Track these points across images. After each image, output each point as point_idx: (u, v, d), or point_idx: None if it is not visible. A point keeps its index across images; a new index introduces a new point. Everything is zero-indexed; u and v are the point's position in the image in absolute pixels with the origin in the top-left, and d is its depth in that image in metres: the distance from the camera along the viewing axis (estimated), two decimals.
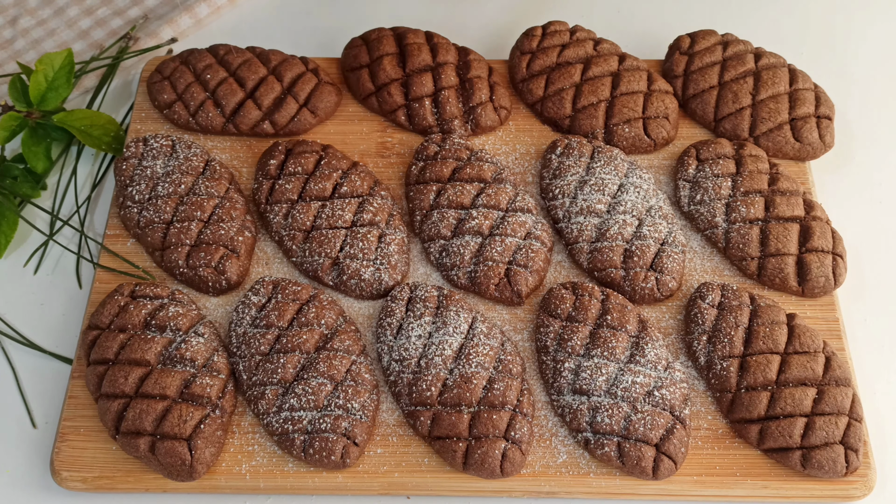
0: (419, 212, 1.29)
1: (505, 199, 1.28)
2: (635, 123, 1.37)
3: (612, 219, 1.26)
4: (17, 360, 1.26)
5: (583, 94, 1.39)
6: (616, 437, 1.10)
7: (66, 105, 1.48)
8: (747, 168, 1.31)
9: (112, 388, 1.13)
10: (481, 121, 1.39)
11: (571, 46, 1.43)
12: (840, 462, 1.10)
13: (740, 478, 1.12)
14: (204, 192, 1.29)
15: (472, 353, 1.15)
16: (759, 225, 1.27)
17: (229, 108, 1.38)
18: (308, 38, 1.60)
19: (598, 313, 1.19)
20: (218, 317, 1.25)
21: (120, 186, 1.32)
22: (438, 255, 1.27)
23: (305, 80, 1.41)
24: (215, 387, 1.13)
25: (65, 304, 1.30)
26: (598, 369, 1.13)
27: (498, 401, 1.12)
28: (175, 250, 1.25)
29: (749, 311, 1.19)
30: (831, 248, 1.25)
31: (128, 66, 1.55)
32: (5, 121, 1.35)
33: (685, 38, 1.47)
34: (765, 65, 1.42)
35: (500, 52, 1.55)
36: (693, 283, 1.27)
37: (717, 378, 1.16)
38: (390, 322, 1.19)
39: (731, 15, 1.63)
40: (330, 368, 1.14)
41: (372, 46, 1.44)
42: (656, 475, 1.10)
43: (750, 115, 1.38)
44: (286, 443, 1.11)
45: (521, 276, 1.23)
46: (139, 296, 1.21)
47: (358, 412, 1.12)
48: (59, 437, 1.15)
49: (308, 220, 1.27)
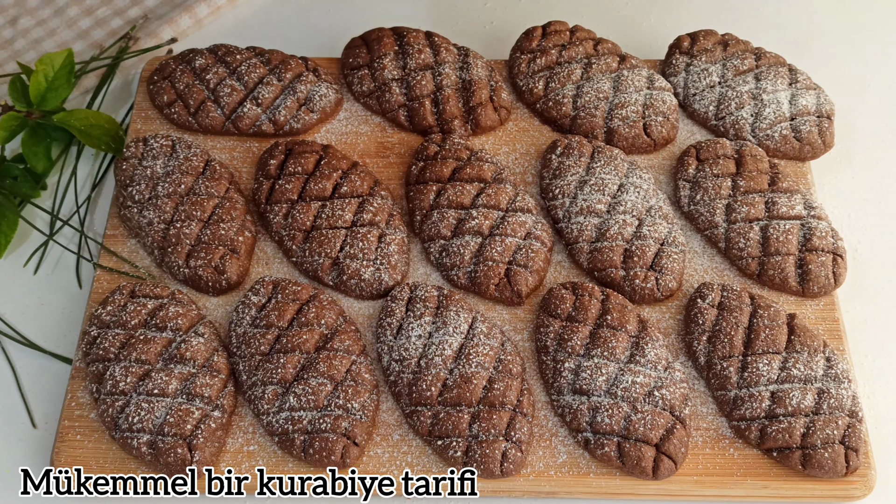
0: (419, 212, 1.29)
1: (505, 199, 1.28)
2: (635, 123, 1.37)
3: (612, 219, 1.26)
4: (17, 360, 1.26)
5: (583, 94, 1.39)
6: (616, 437, 1.10)
7: (66, 105, 1.48)
8: (747, 168, 1.31)
9: (112, 387, 1.13)
10: (481, 121, 1.39)
11: (571, 46, 1.43)
12: (840, 462, 1.10)
13: (740, 478, 1.12)
14: (204, 192, 1.29)
15: (472, 353, 1.15)
16: (759, 225, 1.27)
17: (229, 108, 1.38)
18: (308, 38, 1.60)
19: (598, 313, 1.19)
20: (218, 317, 1.25)
21: (120, 186, 1.32)
22: (438, 255, 1.27)
23: (305, 80, 1.41)
24: (215, 387, 1.13)
25: (65, 304, 1.30)
26: (598, 369, 1.13)
27: (498, 401, 1.12)
28: (175, 250, 1.25)
29: (749, 311, 1.19)
30: (831, 248, 1.25)
31: (128, 66, 1.55)
32: (5, 121, 1.35)
33: (685, 38, 1.47)
34: (765, 65, 1.42)
35: (500, 52, 1.55)
36: (693, 283, 1.27)
37: (717, 378, 1.16)
38: (390, 322, 1.19)
39: (731, 15, 1.63)
40: (330, 368, 1.14)
41: (372, 46, 1.44)
42: (656, 475, 1.10)
43: (750, 115, 1.38)
44: (286, 443, 1.11)
45: (521, 276, 1.23)
46: (139, 296, 1.21)
47: (358, 412, 1.12)
48: (59, 437, 1.15)
49: (308, 220, 1.27)
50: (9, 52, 1.58)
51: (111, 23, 1.61)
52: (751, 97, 1.39)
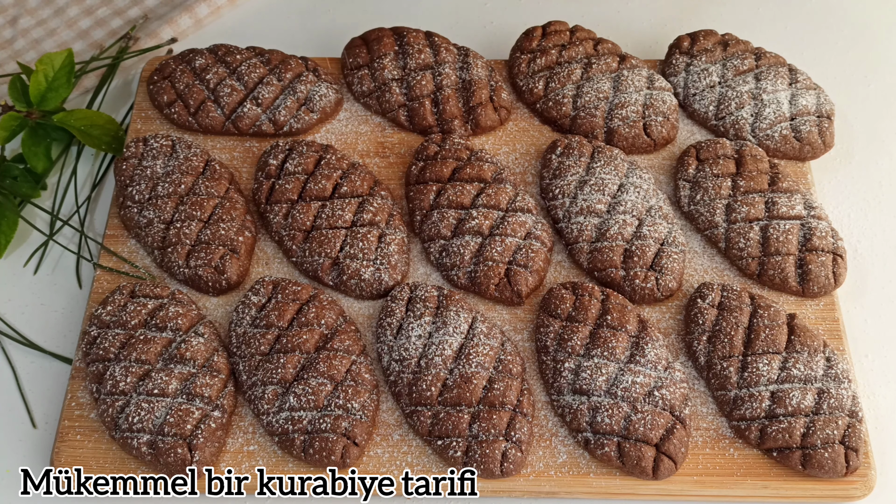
0: (419, 212, 1.29)
1: (505, 199, 1.28)
2: (635, 123, 1.37)
3: (612, 219, 1.26)
4: (17, 360, 1.26)
5: (583, 94, 1.39)
6: (616, 437, 1.10)
7: (66, 105, 1.48)
8: (747, 168, 1.31)
9: (112, 387, 1.13)
10: (481, 121, 1.39)
11: (571, 46, 1.43)
12: (840, 462, 1.10)
13: (740, 478, 1.12)
14: (204, 192, 1.29)
15: (472, 353, 1.15)
16: (759, 225, 1.27)
17: (229, 108, 1.38)
18: (308, 38, 1.60)
19: (598, 313, 1.19)
20: (218, 317, 1.25)
21: (120, 186, 1.32)
22: (438, 255, 1.27)
23: (305, 80, 1.41)
24: (215, 387, 1.13)
25: (65, 304, 1.30)
26: (598, 369, 1.13)
27: (498, 401, 1.12)
28: (175, 250, 1.25)
29: (749, 311, 1.19)
30: (831, 248, 1.25)
31: (128, 66, 1.55)
32: (5, 121, 1.35)
33: (685, 38, 1.47)
34: (765, 65, 1.42)
35: (500, 52, 1.55)
36: (693, 283, 1.27)
37: (717, 378, 1.16)
38: (390, 322, 1.19)
39: (731, 15, 1.63)
40: (330, 368, 1.14)
41: (372, 46, 1.44)
42: (656, 475, 1.10)
43: (750, 115, 1.38)
44: (286, 443, 1.11)
45: (521, 276, 1.23)
46: (139, 295, 1.21)
47: (358, 412, 1.12)
48: (59, 437, 1.15)
49: (308, 220, 1.27)
50: (9, 52, 1.58)
51: (111, 23, 1.61)
52: (751, 97, 1.39)
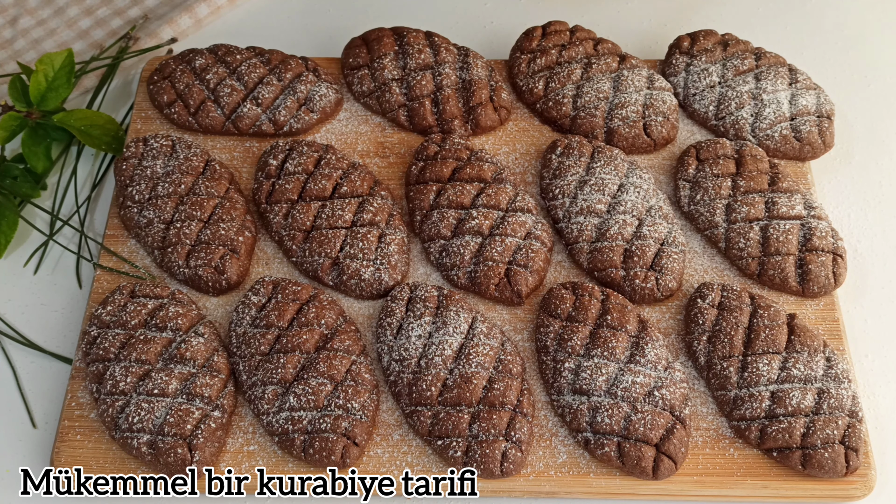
0: (419, 212, 1.29)
1: (505, 199, 1.28)
2: (635, 123, 1.37)
3: (612, 219, 1.26)
4: (17, 360, 1.26)
5: (583, 94, 1.39)
6: (616, 437, 1.10)
7: (66, 105, 1.48)
8: (747, 168, 1.31)
9: (112, 387, 1.13)
10: (481, 121, 1.39)
11: (571, 46, 1.43)
12: (840, 462, 1.10)
13: (740, 478, 1.12)
14: (204, 192, 1.29)
15: (472, 353, 1.15)
16: (759, 225, 1.27)
17: (229, 108, 1.38)
18: (308, 38, 1.60)
19: (598, 313, 1.19)
20: (218, 317, 1.25)
21: (120, 186, 1.32)
22: (438, 255, 1.27)
23: (305, 80, 1.41)
24: (215, 387, 1.13)
25: (65, 304, 1.30)
26: (598, 369, 1.13)
27: (498, 401, 1.12)
28: (175, 250, 1.25)
29: (749, 311, 1.19)
30: (831, 248, 1.25)
31: (128, 66, 1.55)
32: (5, 121, 1.35)
33: (685, 38, 1.47)
34: (765, 65, 1.42)
35: (500, 52, 1.55)
36: (693, 283, 1.27)
37: (717, 378, 1.16)
38: (390, 322, 1.19)
39: (731, 15, 1.63)
40: (330, 368, 1.14)
41: (372, 46, 1.44)
42: (656, 475, 1.10)
43: (750, 115, 1.38)
44: (286, 443, 1.11)
45: (521, 276, 1.23)
46: (139, 296, 1.21)
47: (358, 412, 1.12)
48: (59, 437, 1.15)
49: (308, 220, 1.27)
50: (9, 52, 1.58)
51: (111, 23, 1.61)
52: (751, 97, 1.39)
